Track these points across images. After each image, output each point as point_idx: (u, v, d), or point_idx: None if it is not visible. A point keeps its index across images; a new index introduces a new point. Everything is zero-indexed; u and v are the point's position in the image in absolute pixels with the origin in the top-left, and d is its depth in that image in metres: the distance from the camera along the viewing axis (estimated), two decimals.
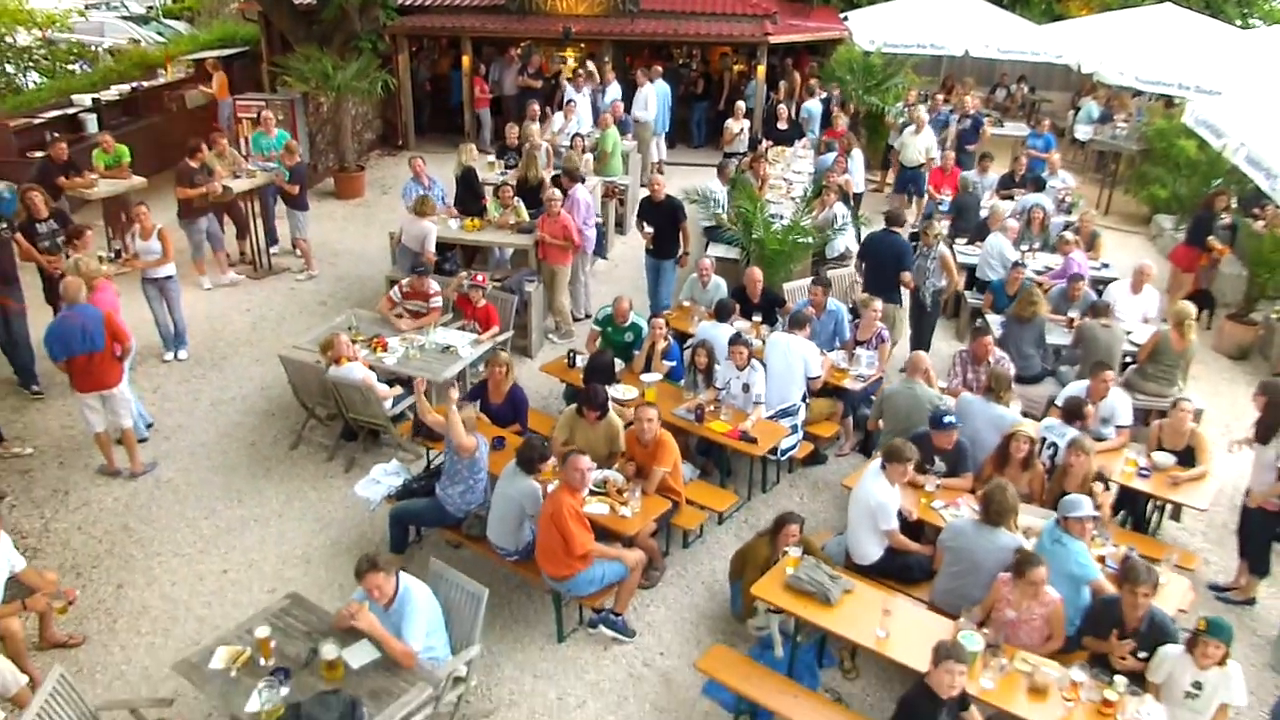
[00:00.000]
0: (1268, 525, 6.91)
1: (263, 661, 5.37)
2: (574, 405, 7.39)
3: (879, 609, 5.77)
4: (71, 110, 14.85)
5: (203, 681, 5.27)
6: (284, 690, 5.14)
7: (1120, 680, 5.22)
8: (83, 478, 8.32)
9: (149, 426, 8.87)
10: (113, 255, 9.85)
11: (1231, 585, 7.27)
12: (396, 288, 9.54)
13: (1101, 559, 6.16)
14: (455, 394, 7.01)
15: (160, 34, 22.42)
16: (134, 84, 16.44)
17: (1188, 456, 7.34)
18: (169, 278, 9.90)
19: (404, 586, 5.45)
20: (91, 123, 14.65)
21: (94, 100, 15.24)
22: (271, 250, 12.56)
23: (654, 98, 15.53)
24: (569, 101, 14.71)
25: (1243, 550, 7.20)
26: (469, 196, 11.74)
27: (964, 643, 5.19)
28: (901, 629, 5.66)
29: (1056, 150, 14.53)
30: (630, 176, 13.79)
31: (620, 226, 13.70)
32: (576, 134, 13.30)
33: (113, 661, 6.44)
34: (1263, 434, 6.93)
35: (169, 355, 10.19)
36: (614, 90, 15.63)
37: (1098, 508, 6.23)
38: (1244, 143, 10.94)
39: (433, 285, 9.40)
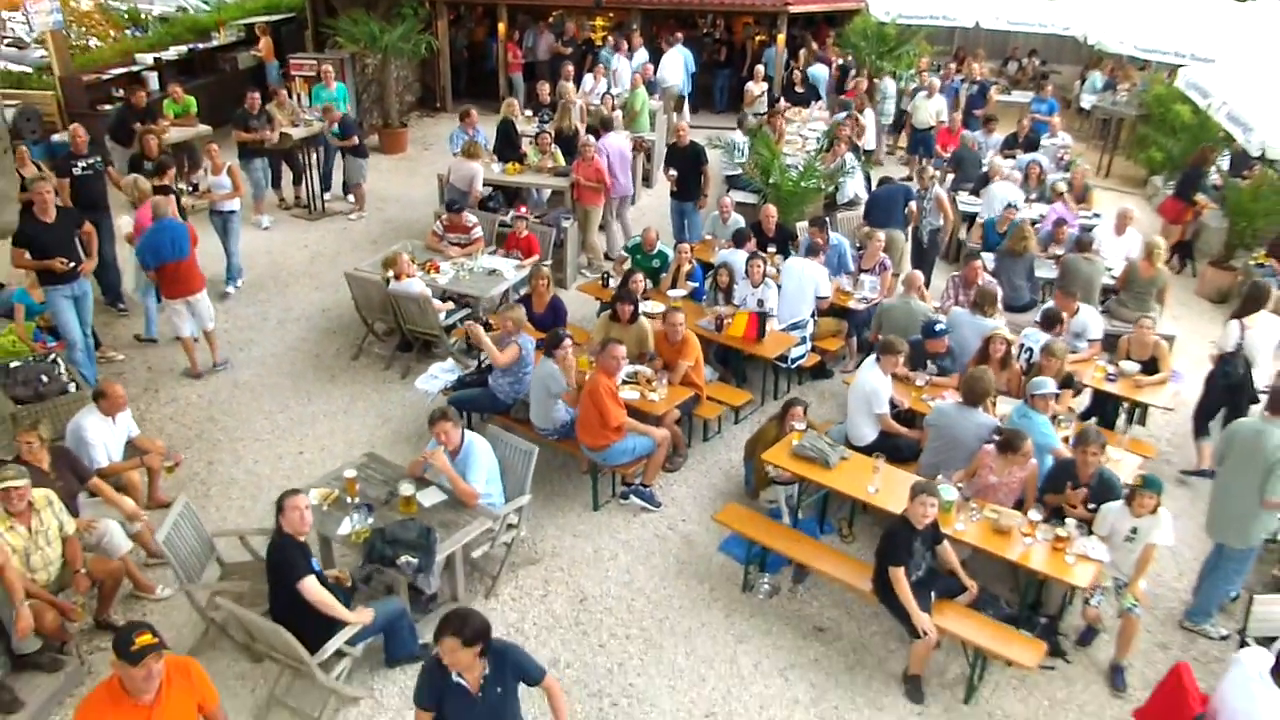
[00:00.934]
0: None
1: (349, 500, 6.42)
2: (609, 310, 8.40)
3: (871, 471, 6.76)
4: (135, 68, 15.90)
5: None
6: (369, 519, 6.19)
7: (1071, 522, 6.20)
8: (169, 379, 9.38)
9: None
10: (190, 189, 10.86)
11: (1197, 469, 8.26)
12: (438, 222, 10.56)
13: (1066, 439, 7.10)
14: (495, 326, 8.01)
15: (205, 1, 23.41)
16: (190, 46, 17.48)
17: (1151, 366, 8.28)
18: (232, 212, 10.93)
19: (469, 439, 6.47)
20: (153, 80, 15.67)
21: (155, 60, 16.31)
22: (325, 196, 13.58)
23: (679, 62, 16.45)
24: (599, 64, 15.67)
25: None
26: (506, 146, 12.74)
27: (941, 492, 6.15)
28: (890, 486, 6.64)
29: (1059, 114, 15.37)
30: (656, 133, 14.72)
31: (647, 180, 14.65)
32: (606, 93, 14.27)
33: (209, 520, 7.43)
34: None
35: (228, 288, 11.14)
36: (641, 55, 16.55)
37: (1059, 399, 7.23)
38: (1226, 101, 11.79)
39: (470, 218, 10.42)
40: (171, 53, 16.91)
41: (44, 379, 7.86)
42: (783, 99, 15.29)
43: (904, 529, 5.90)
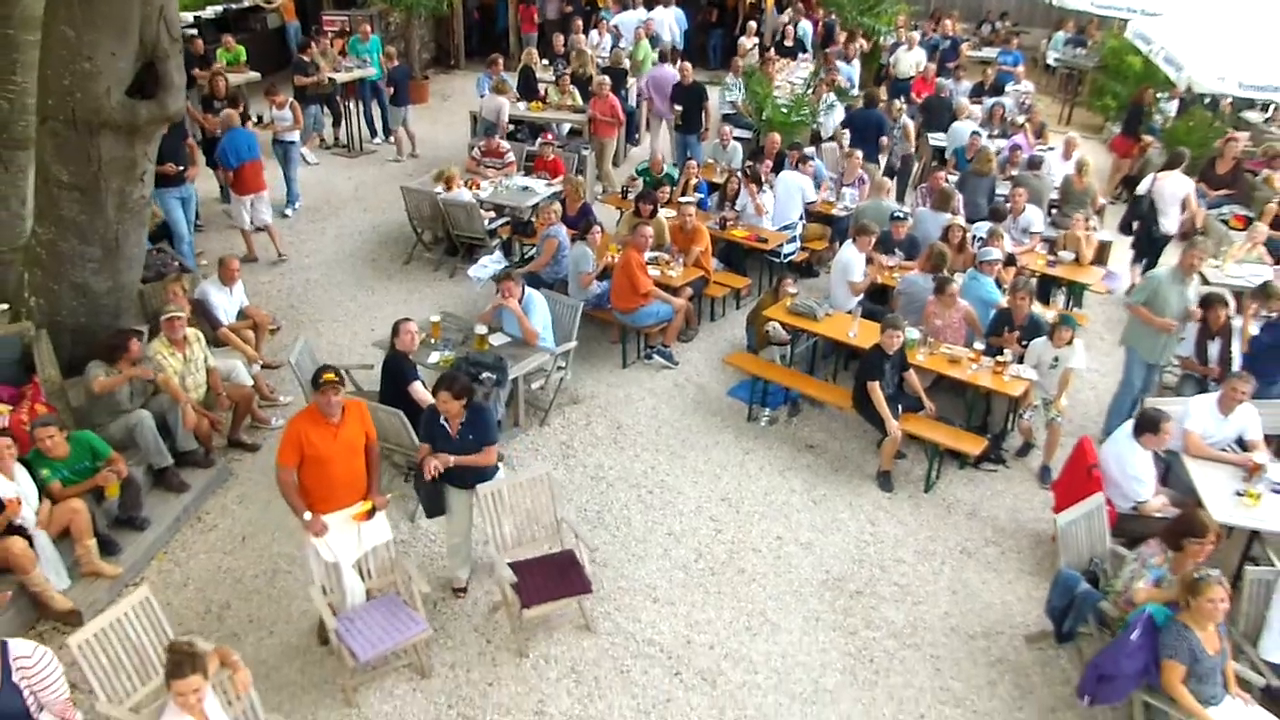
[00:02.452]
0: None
1: (433, 340, 7.99)
2: (633, 209, 9.99)
3: (850, 321, 8.40)
4: None
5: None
6: (452, 351, 7.77)
7: (1008, 352, 7.83)
8: (249, 275, 10.81)
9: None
10: (257, 119, 12.35)
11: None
12: (476, 149, 12.13)
13: None
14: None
15: None
16: (225, 6, 18.90)
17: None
18: (292, 143, 12.46)
19: (529, 293, 8.05)
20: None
21: (195, 18, 17.71)
22: (376, 140, 15.30)
23: (671, 19, 18.05)
24: (602, 20, 17.28)
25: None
26: (526, 89, 14.32)
27: (906, 332, 7.76)
28: (865, 333, 8.25)
29: (1023, 65, 17.01)
30: None
31: (648, 124, 16.19)
32: (615, 46, 15.82)
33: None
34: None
35: (286, 210, 12.68)
36: (641, 12, 18.07)
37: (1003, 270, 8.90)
38: (1164, 46, 13.43)
39: (504, 145, 12.00)
40: (209, 12, 18.31)
41: (161, 265, 9.38)
42: (773, 51, 16.82)
43: (878, 354, 7.53)
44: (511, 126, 13.25)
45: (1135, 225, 11.15)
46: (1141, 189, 10.87)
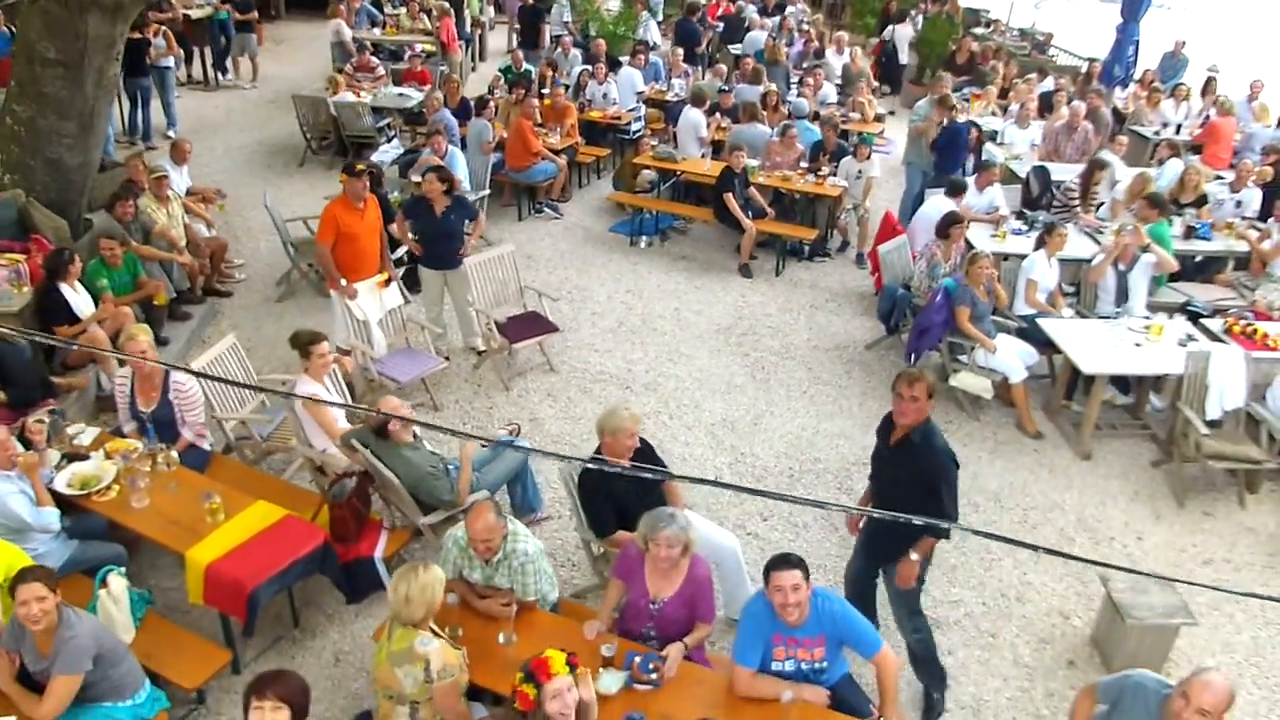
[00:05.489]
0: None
1: None
2: (512, 97, 11.87)
3: (702, 160, 10.69)
4: None
5: None
6: (398, 194, 9.47)
7: (825, 169, 10.34)
8: None
9: None
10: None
11: None
12: (349, 65, 13.60)
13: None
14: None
15: None
16: None
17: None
18: (167, 68, 13.47)
19: (450, 149, 9.83)
20: None
21: None
22: (225, 77, 16.19)
23: None
24: None
25: None
26: (374, 18, 15.86)
27: (746, 162, 10.10)
28: (716, 167, 10.54)
29: None
30: (485, 16, 18.08)
31: (482, 55, 17.99)
32: None
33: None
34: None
35: (169, 133, 13.69)
36: None
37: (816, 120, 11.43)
38: None
39: (373, 60, 13.56)
40: None
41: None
42: None
43: (728, 172, 9.84)
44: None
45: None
46: (886, 35, 15.49)
